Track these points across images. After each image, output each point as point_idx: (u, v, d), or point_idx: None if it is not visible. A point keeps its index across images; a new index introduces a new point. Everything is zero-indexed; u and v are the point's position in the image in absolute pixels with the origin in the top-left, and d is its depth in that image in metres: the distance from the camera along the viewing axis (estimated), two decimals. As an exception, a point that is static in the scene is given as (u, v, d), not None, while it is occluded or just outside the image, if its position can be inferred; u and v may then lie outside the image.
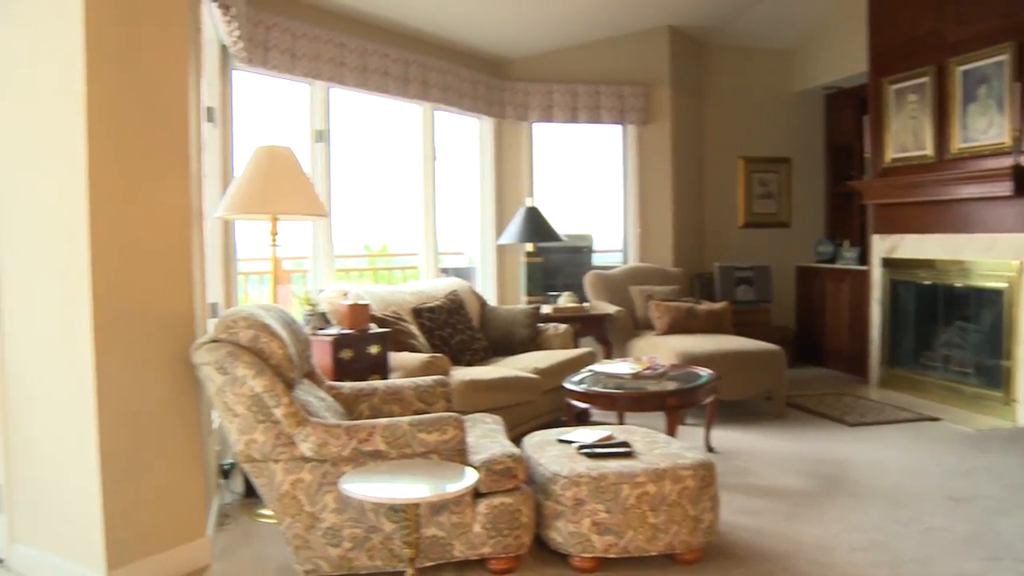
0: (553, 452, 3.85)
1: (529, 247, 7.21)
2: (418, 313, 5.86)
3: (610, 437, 4.01)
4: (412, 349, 5.34)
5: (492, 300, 7.55)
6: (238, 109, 5.43)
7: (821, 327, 8.58)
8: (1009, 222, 6.02)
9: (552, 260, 7.86)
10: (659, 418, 4.91)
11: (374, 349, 4.82)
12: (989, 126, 6.12)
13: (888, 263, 7.27)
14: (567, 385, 5.09)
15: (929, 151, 6.67)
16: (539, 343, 6.37)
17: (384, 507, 3.34)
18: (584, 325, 6.98)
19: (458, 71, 7.29)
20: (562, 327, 6.49)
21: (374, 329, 4.94)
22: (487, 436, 3.88)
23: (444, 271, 7.46)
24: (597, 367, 5.42)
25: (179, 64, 3.68)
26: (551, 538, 3.62)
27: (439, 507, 3.42)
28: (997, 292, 6.20)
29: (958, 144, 6.38)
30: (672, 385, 5.00)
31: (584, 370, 5.41)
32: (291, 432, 3.37)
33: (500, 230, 7.64)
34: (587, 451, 3.80)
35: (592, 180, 8.55)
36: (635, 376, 5.12)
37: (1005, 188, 5.85)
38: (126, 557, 3.42)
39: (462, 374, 5.15)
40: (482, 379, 5.16)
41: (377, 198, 7.24)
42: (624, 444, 3.88)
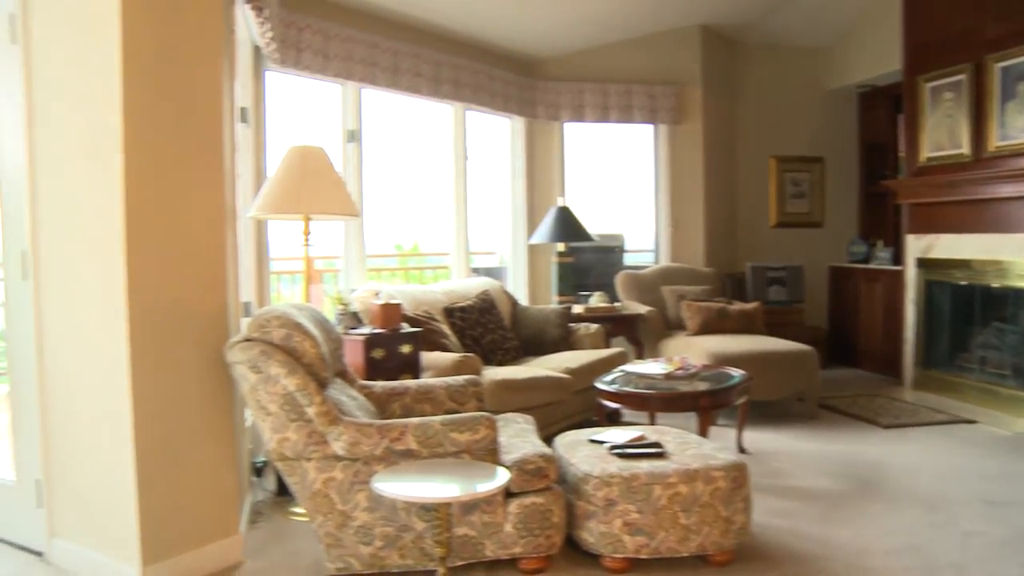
0: (584, 452, 3.85)
1: (560, 247, 7.20)
2: (450, 313, 5.88)
3: (642, 437, 4.01)
4: (443, 348, 5.35)
5: (523, 300, 7.55)
6: (271, 109, 5.47)
7: (854, 328, 8.50)
8: (1048, 221, 5.94)
9: (583, 260, 7.84)
10: (691, 419, 4.89)
11: (406, 348, 4.83)
12: (1028, 124, 6.04)
13: (923, 263, 7.18)
14: (599, 385, 5.08)
15: (966, 149, 6.58)
16: (570, 343, 6.36)
17: (415, 506, 3.35)
18: (615, 325, 6.97)
19: (489, 71, 7.30)
20: (593, 327, 6.48)
21: (406, 328, 4.94)
22: (519, 436, 3.88)
23: (475, 271, 7.47)
24: (629, 367, 5.41)
25: (213, 66, 3.71)
26: (582, 538, 3.61)
27: (470, 506, 3.43)
28: (1036, 293, 6.11)
29: (995, 142, 6.28)
30: (704, 385, 4.98)
31: (616, 370, 5.40)
32: (323, 431, 3.39)
33: (531, 230, 7.64)
34: (619, 451, 3.80)
35: (623, 180, 8.52)
36: (667, 376, 5.10)
37: (1044, 187, 5.77)
38: (161, 553, 3.46)
39: (493, 374, 5.16)
40: (514, 379, 5.16)
41: (408, 198, 7.26)
42: (656, 444, 3.87)
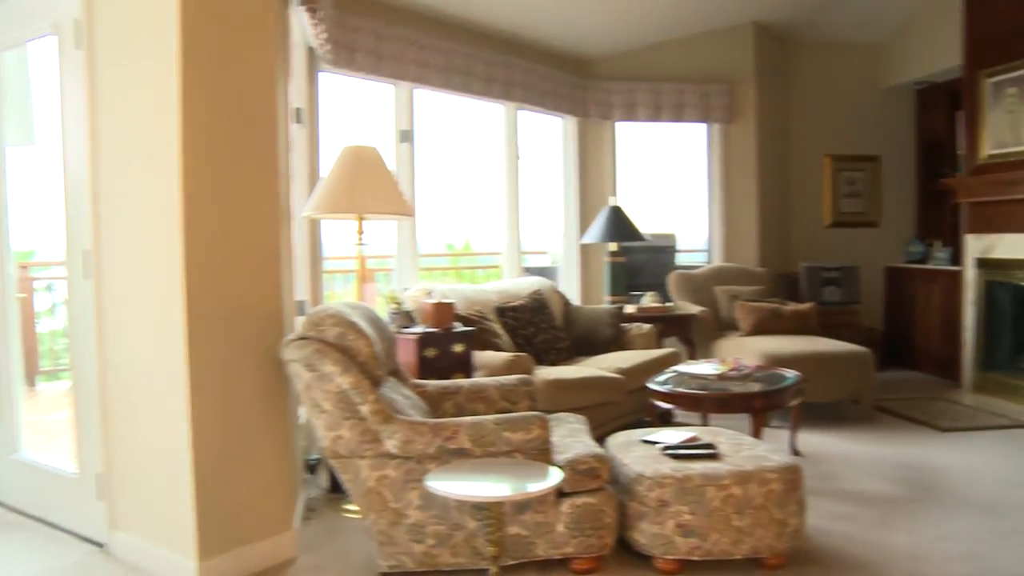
0: (637, 453, 3.84)
1: (612, 246, 7.17)
2: (502, 312, 5.89)
3: (695, 438, 3.99)
4: (495, 348, 5.37)
5: (575, 299, 7.53)
6: (325, 110, 5.53)
7: (911, 329, 8.36)
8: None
9: (635, 260, 7.80)
10: (743, 420, 4.85)
11: (458, 347, 4.86)
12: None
13: (983, 263, 7.04)
14: (651, 385, 5.05)
15: (1029, 147, 6.45)
16: (622, 343, 6.34)
17: (468, 505, 3.36)
18: (668, 325, 6.93)
19: (541, 70, 7.30)
20: (646, 327, 6.45)
21: (458, 328, 4.98)
22: (571, 436, 3.88)
23: (527, 270, 7.48)
24: (681, 368, 5.39)
25: (269, 68, 3.76)
26: (634, 539, 3.60)
27: (523, 506, 3.44)
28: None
29: (1061, 139, 6.15)
30: (757, 387, 4.94)
31: (668, 371, 5.37)
32: (377, 429, 3.42)
33: (583, 229, 7.63)
34: (672, 452, 3.78)
35: (676, 179, 8.48)
36: (720, 377, 5.07)
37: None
38: (217, 547, 3.52)
39: (546, 373, 5.16)
40: (566, 378, 5.16)
41: (460, 198, 7.29)
42: (709, 446, 3.84)
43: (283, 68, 4.17)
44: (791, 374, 5.25)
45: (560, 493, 3.46)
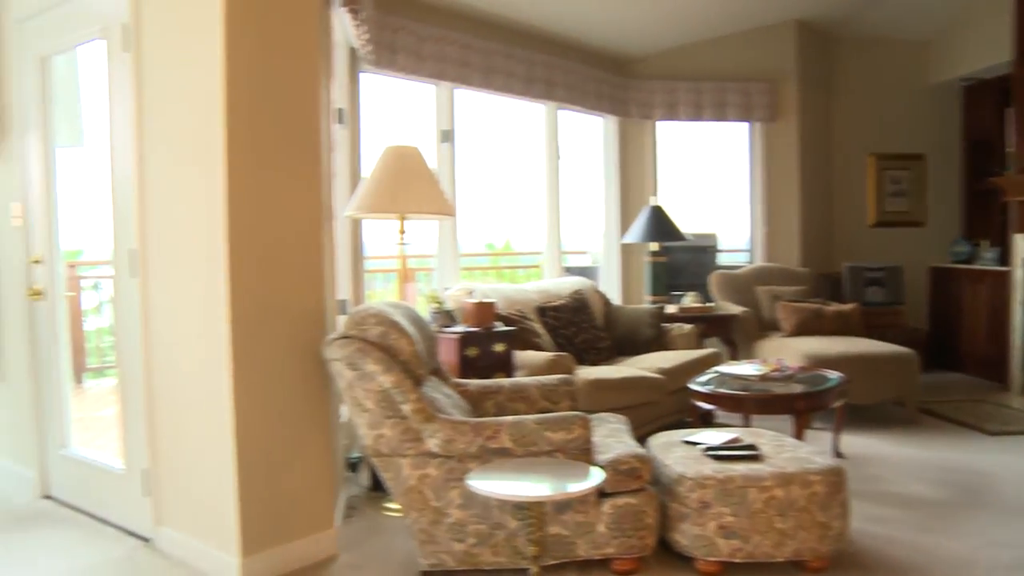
0: (679, 453, 3.82)
1: (653, 246, 7.16)
2: (542, 312, 5.89)
3: (737, 439, 3.96)
4: (536, 347, 5.38)
5: (616, 299, 7.51)
6: (366, 110, 5.56)
7: (957, 330, 8.24)
8: None
9: (676, 259, 7.77)
10: (786, 421, 4.81)
11: (499, 347, 4.87)
12: None
13: (1032, 263, 6.93)
14: (692, 386, 5.03)
15: (1081, 144, 6.32)
16: (663, 343, 6.32)
17: (509, 504, 3.36)
18: (709, 326, 6.90)
19: (582, 70, 7.29)
20: (687, 327, 6.42)
21: (499, 327, 4.98)
22: (612, 436, 3.87)
23: (568, 270, 7.48)
24: (723, 368, 5.35)
25: (311, 68, 3.79)
26: (675, 540, 3.59)
27: (563, 506, 3.43)
28: None
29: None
30: (800, 388, 4.89)
31: (710, 371, 5.35)
32: (419, 428, 3.44)
33: (624, 229, 7.61)
34: (713, 453, 3.76)
35: (717, 178, 8.43)
36: (762, 378, 5.03)
37: None
38: (259, 544, 3.56)
39: (587, 373, 5.16)
40: (607, 378, 5.15)
41: (501, 197, 7.30)
42: (751, 447, 3.81)
43: (325, 69, 4.20)
44: (834, 375, 5.20)
45: (601, 493, 3.46)
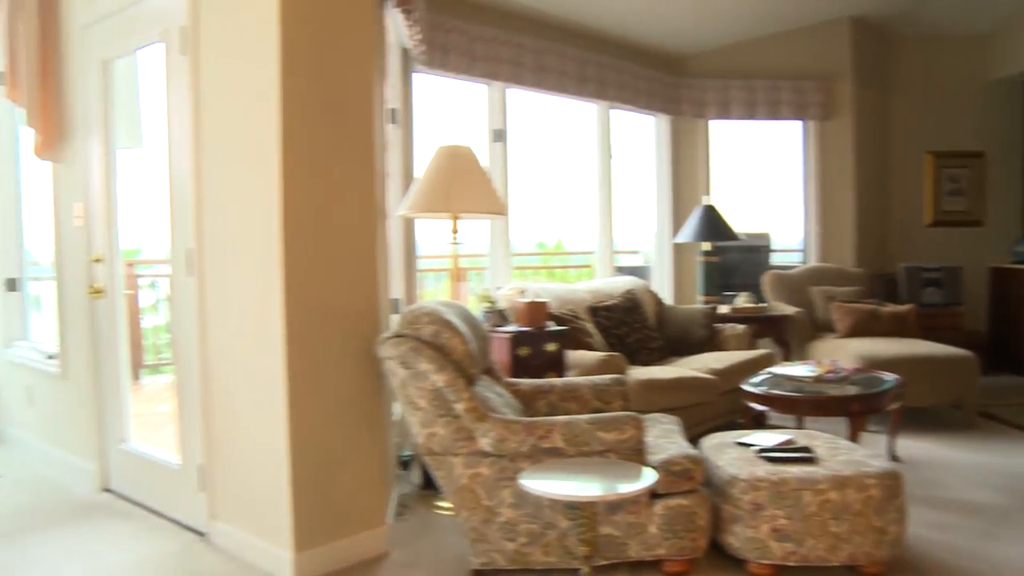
0: (732, 455, 3.79)
1: (706, 246, 7.11)
2: (594, 311, 5.89)
3: (790, 441, 3.92)
4: (588, 347, 5.37)
5: (668, 300, 7.47)
6: (419, 110, 5.59)
7: (1018, 333, 8.05)
8: None
9: (729, 259, 7.71)
10: (839, 424, 4.75)
11: (551, 347, 4.87)
12: None
13: (1097, 264, 6.76)
14: (745, 387, 4.99)
15: None
16: (716, 344, 6.29)
17: (561, 504, 3.35)
18: (762, 326, 6.83)
19: (634, 69, 7.26)
20: (740, 328, 6.37)
21: (551, 327, 4.98)
22: (664, 436, 3.85)
23: (619, 270, 7.46)
24: (776, 369, 5.30)
25: (365, 69, 3.82)
26: (728, 542, 3.56)
27: (615, 506, 3.42)
28: None
29: None
30: (854, 390, 4.83)
31: (763, 372, 5.30)
32: (471, 427, 3.45)
33: (676, 229, 7.58)
34: (767, 455, 3.72)
35: (771, 177, 8.34)
36: (816, 379, 4.97)
37: None
38: (312, 540, 3.59)
39: (639, 373, 5.14)
40: (659, 379, 5.13)
41: (552, 196, 7.30)
42: (805, 449, 3.77)
43: (379, 69, 4.23)
44: (890, 377, 5.12)
45: (653, 494, 3.44)
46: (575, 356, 5.06)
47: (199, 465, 4.02)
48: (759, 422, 5.04)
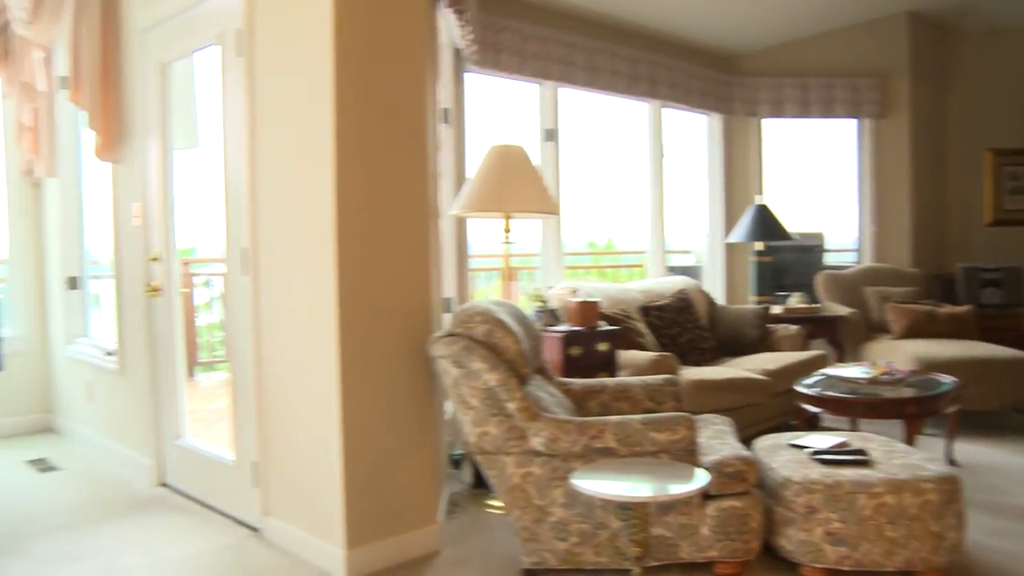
0: (785, 457, 3.75)
1: (758, 246, 7.05)
2: (646, 311, 5.86)
3: (845, 444, 3.86)
4: (640, 347, 5.35)
5: (720, 300, 7.42)
6: (470, 110, 5.61)
7: (1080, 334, 7.87)
8: None
9: (782, 259, 7.62)
10: (894, 426, 4.68)
11: (603, 346, 4.86)
12: None
13: None
14: (799, 388, 4.94)
15: None
16: (768, 344, 6.23)
17: (612, 504, 3.34)
18: (815, 327, 6.75)
19: (686, 67, 7.22)
20: (793, 328, 6.31)
21: (603, 326, 4.97)
22: (717, 437, 3.82)
23: (671, 269, 7.43)
24: (830, 371, 5.23)
25: (418, 70, 3.84)
26: (780, 545, 3.52)
27: (667, 507, 3.40)
28: None
29: None
30: (910, 392, 4.75)
31: (816, 373, 5.23)
32: (523, 426, 3.45)
33: (729, 228, 7.53)
34: (821, 457, 3.68)
35: (824, 177, 8.24)
36: (870, 381, 4.90)
37: None
38: (364, 537, 3.62)
39: (691, 374, 5.11)
40: (711, 379, 5.10)
41: (603, 196, 7.28)
42: (860, 452, 3.72)
43: (431, 70, 4.25)
44: (947, 380, 5.03)
45: (705, 495, 3.42)
46: (627, 356, 5.04)
47: (253, 462, 4.08)
48: (812, 424, 4.98)
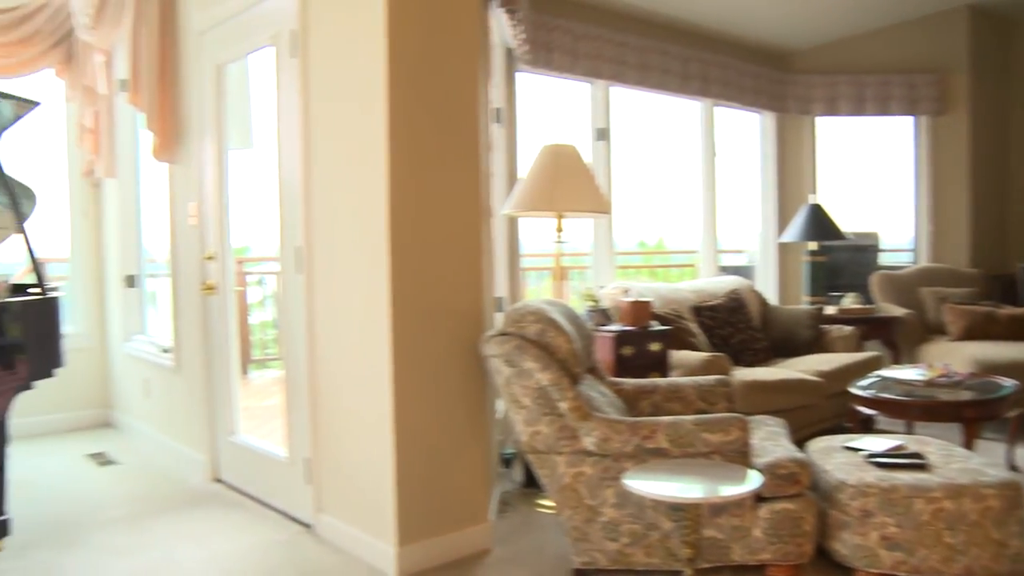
0: (839, 459, 3.69)
1: (812, 246, 6.97)
2: (698, 311, 5.83)
3: (901, 447, 3.80)
4: (692, 347, 5.32)
5: (773, 300, 7.34)
6: (522, 109, 5.61)
7: None
8: None
9: (836, 259, 7.54)
10: (952, 430, 4.59)
11: (655, 346, 4.83)
12: None
13: None
14: (853, 390, 4.87)
15: None
16: (822, 345, 6.16)
17: (664, 505, 3.32)
18: (870, 328, 6.65)
19: (738, 65, 7.16)
20: (847, 329, 6.22)
21: (655, 326, 4.95)
22: (770, 439, 3.78)
23: (723, 269, 7.37)
24: (885, 372, 5.16)
25: (471, 70, 3.85)
26: (834, 549, 3.47)
27: (719, 509, 3.37)
28: None
29: None
30: (969, 395, 4.66)
31: (871, 375, 5.16)
32: (575, 426, 3.44)
33: (781, 228, 7.45)
34: (876, 460, 3.62)
35: (880, 175, 8.12)
36: (927, 383, 4.81)
37: None
38: (415, 535, 3.64)
39: (743, 374, 5.07)
40: (764, 380, 5.05)
41: (654, 195, 7.25)
42: (917, 455, 3.65)
43: (484, 69, 4.26)
44: (1008, 383, 4.92)
45: (758, 497, 3.38)
46: (678, 356, 5.01)
47: (306, 458, 4.11)
48: (867, 426, 4.92)
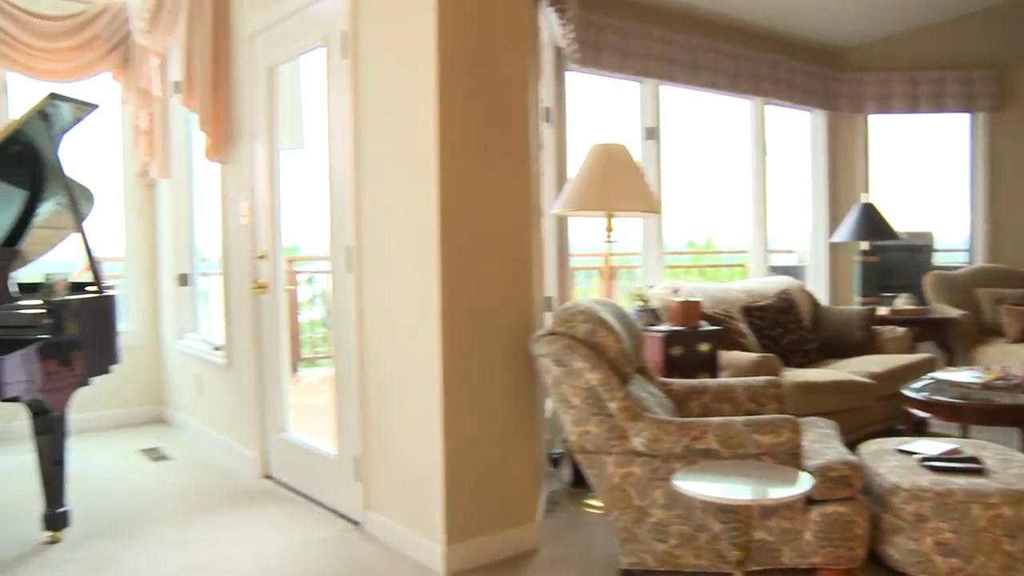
0: (892, 462, 3.64)
1: (864, 245, 6.88)
2: (748, 311, 5.78)
3: (956, 451, 3.74)
4: (741, 348, 5.29)
5: (824, 300, 7.26)
6: (571, 109, 5.60)
7: None
8: None
9: (888, 259, 7.43)
10: (1009, 434, 4.50)
11: (704, 347, 4.80)
12: None
13: None
14: (907, 392, 4.78)
15: None
16: (874, 346, 6.08)
17: (713, 507, 3.30)
18: (923, 329, 6.55)
19: (789, 63, 7.08)
20: (899, 330, 6.13)
21: (705, 327, 4.92)
22: (821, 441, 3.74)
23: (773, 269, 7.31)
24: (939, 374, 5.07)
25: (520, 69, 3.85)
26: (887, 554, 3.42)
27: (769, 511, 3.34)
28: None
29: None
30: (1028, 398, 4.58)
31: (925, 377, 5.07)
32: (624, 426, 3.43)
33: (833, 227, 7.36)
34: (931, 464, 3.56)
35: (934, 174, 7.99)
36: (984, 386, 4.72)
37: None
38: (463, 533, 3.65)
39: (793, 375, 5.02)
40: (815, 381, 5.00)
41: (704, 194, 7.21)
42: (973, 460, 3.59)
43: (534, 69, 4.26)
44: (1069, 387, 4.82)
45: (809, 500, 3.34)
46: (728, 357, 4.98)
47: (355, 456, 4.15)
48: (920, 429, 4.85)
